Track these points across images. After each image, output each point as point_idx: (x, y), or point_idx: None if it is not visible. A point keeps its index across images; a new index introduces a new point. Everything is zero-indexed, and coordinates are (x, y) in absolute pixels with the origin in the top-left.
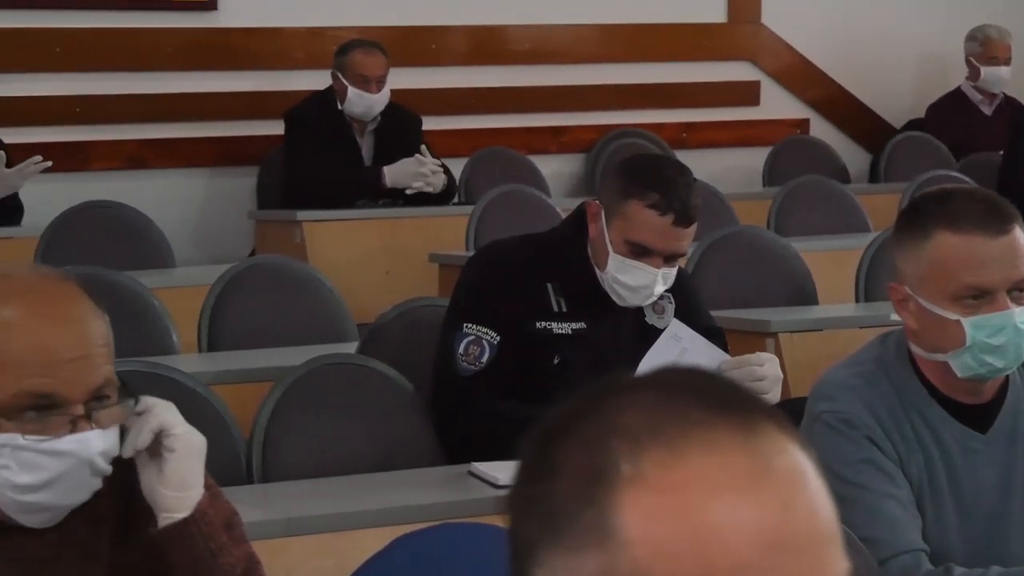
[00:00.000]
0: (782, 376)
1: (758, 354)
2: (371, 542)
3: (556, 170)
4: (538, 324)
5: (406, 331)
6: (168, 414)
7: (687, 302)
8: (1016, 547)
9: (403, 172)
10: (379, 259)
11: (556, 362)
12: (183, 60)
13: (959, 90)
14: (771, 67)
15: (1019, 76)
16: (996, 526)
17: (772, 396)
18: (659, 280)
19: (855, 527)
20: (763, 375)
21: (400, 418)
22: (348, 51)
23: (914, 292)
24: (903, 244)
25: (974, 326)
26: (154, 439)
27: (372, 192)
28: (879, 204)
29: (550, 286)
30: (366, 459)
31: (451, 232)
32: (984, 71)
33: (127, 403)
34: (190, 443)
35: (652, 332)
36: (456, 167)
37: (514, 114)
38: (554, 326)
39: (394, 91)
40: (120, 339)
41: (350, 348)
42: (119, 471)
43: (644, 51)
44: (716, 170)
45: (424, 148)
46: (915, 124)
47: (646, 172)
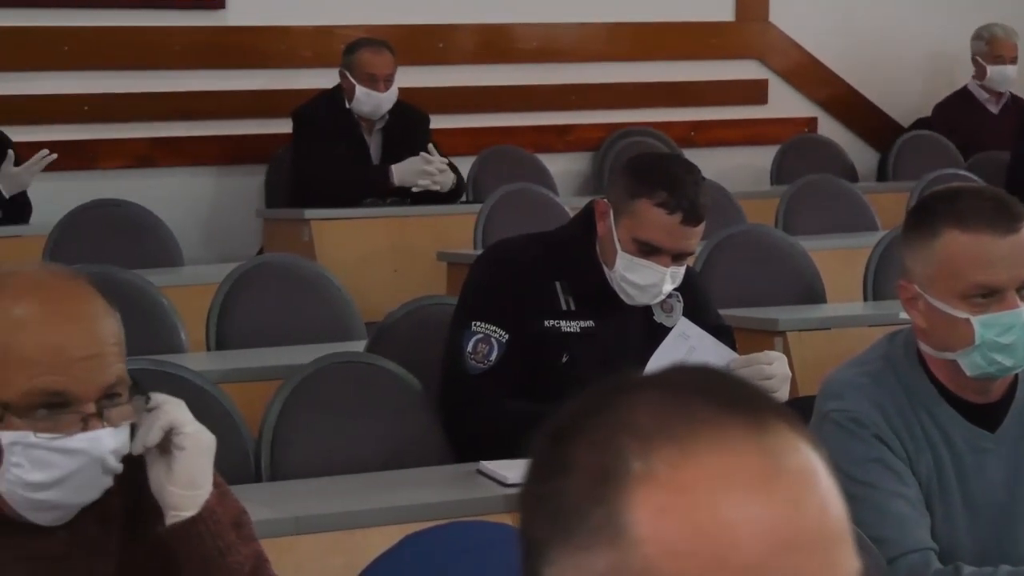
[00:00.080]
0: (790, 375)
1: (767, 352)
2: (380, 540)
3: (564, 169)
4: (546, 322)
5: (414, 330)
6: (178, 412)
7: (695, 300)
8: None
9: (410, 171)
10: (387, 258)
11: (564, 360)
12: (191, 59)
13: (965, 89)
14: (779, 66)
15: None
16: (1005, 525)
17: (781, 395)
18: (667, 279)
19: (864, 526)
20: (772, 373)
21: (408, 416)
22: (356, 50)
23: (923, 291)
24: (912, 243)
25: (983, 325)
26: (164, 437)
27: (380, 191)
28: (887, 203)
29: (558, 284)
30: (374, 457)
31: (459, 231)
32: (990, 70)
33: (138, 401)
34: (200, 441)
35: (660, 331)
36: (464, 166)
37: (522, 113)
38: (562, 324)
39: (402, 90)
40: (128, 337)
41: (358, 347)
42: (128, 469)
43: (652, 50)
44: (724, 169)
45: (431, 147)
46: (923, 123)
47: (654, 171)
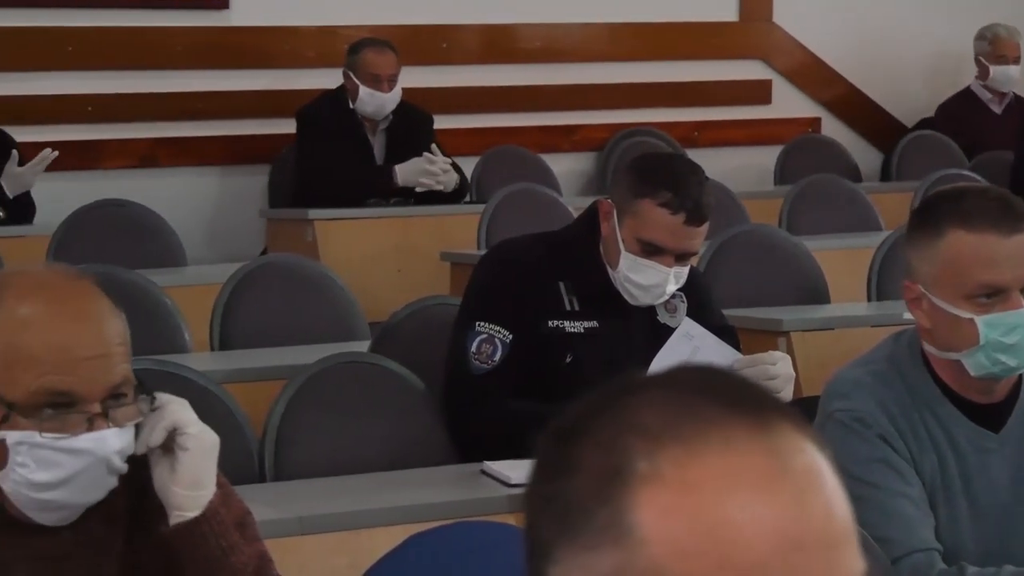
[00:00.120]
0: (794, 375)
1: (771, 352)
2: (384, 540)
3: (568, 169)
4: (550, 323)
5: (418, 330)
6: (182, 412)
7: (699, 301)
8: None
9: (414, 171)
10: (391, 258)
11: (568, 361)
12: (195, 59)
13: (969, 89)
14: (783, 66)
15: None
16: (1009, 525)
17: (785, 395)
18: (671, 279)
19: (868, 526)
20: (776, 374)
21: (412, 417)
22: (359, 50)
23: (927, 291)
24: (916, 243)
25: (988, 324)
26: (167, 437)
27: (384, 191)
28: (891, 203)
29: (562, 285)
30: (378, 457)
31: (463, 231)
32: (993, 70)
33: (143, 401)
34: (203, 442)
35: (664, 331)
36: (467, 166)
37: (525, 113)
38: (566, 325)
39: (405, 90)
40: (132, 338)
41: (362, 347)
42: (133, 469)
43: (656, 50)
44: (728, 169)
45: (434, 147)
46: (927, 123)
47: (658, 171)
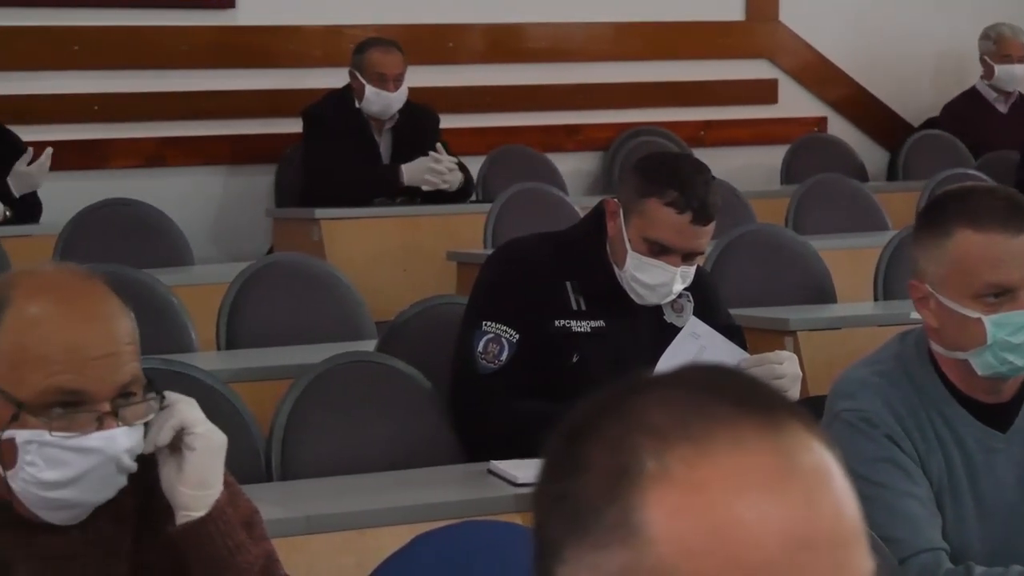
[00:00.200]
0: (801, 374)
1: (777, 352)
2: (391, 540)
3: (573, 168)
4: (557, 322)
5: (424, 329)
6: (190, 411)
7: (706, 300)
8: None
9: (420, 170)
10: (397, 257)
11: (575, 360)
12: (201, 58)
13: (974, 89)
14: (789, 65)
15: None
16: (1015, 525)
17: (792, 394)
18: (677, 278)
19: (875, 526)
20: (782, 373)
21: (419, 416)
22: (365, 49)
23: (935, 290)
24: (924, 242)
25: (995, 324)
26: (175, 436)
27: (390, 190)
28: (897, 202)
29: (569, 284)
30: (385, 457)
31: (469, 230)
32: (998, 69)
33: (152, 400)
34: (211, 441)
35: (671, 330)
36: (473, 165)
37: (531, 112)
38: (573, 324)
39: (412, 89)
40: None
41: (368, 346)
42: (140, 468)
43: (662, 49)
44: (734, 168)
45: (439, 146)
46: (933, 122)
47: (664, 170)
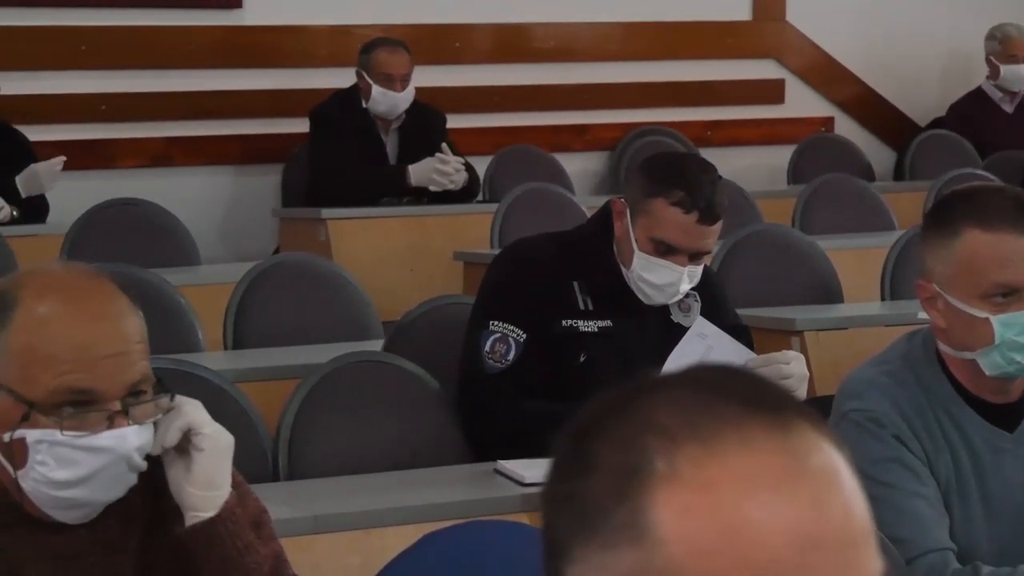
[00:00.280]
0: (808, 374)
1: (784, 352)
2: (398, 540)
3: (580, 168)
4: (564, 322)
5: (431, 329)
6: (196, 413)
7: (713, 300)
8: None
9: (427, 170)
10: (404, 257)
11: (582, 360)
12: (208, 58)
13: (980, 89)
14: (796, 65)
15: None
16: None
17: (799, 394)
18: (684, 278)
19: (883, 526)
20: (789, 373)
21: (425, 416)
22: (372, 49)
23: (943, 290)
24: (932, 242)
25: (1003, 324)
26: (182, 437)
27: (396, 190)
28: (904, 202)
29: (576, 284)
30: (392, 457)
31: (476, 230)
32: (1004, 69)
33: (162, 399)
34: (218, 442)
35: (678, 330)
36: (480, 165)
37: (538, 112)
38: (580, 324)
39: (418, 89)
40: None
41: (375, 346)
42: (149, 468)
43: (669, 49)
44: (741, 168)
45: (445, 146)
46: (940, 122)
47: (670, 170)
